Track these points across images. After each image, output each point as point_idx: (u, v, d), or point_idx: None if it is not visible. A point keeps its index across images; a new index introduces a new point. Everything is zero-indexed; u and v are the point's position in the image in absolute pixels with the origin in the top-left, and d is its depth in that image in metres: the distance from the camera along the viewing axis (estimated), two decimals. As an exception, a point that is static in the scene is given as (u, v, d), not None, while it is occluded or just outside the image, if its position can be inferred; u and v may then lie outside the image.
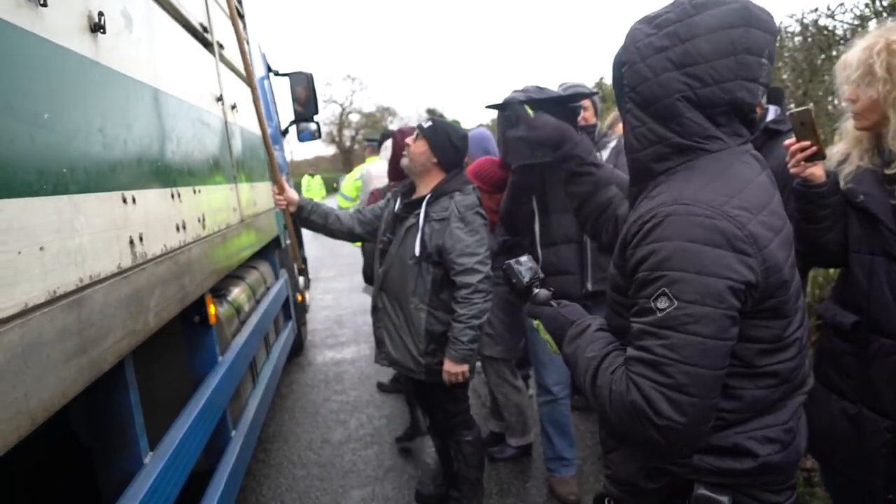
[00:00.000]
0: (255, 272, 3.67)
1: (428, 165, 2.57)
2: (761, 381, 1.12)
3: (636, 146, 1.19)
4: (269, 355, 3.54)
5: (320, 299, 7.93)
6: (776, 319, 1.10)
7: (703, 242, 1.02)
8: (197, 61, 2.63)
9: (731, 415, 1.12)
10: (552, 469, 3.05)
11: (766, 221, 1.09)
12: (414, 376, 2.62)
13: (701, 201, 1.06)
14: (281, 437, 3.90)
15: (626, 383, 1.07)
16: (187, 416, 1.90)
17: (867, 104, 1.62)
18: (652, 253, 1.06)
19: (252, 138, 3.75)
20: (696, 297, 1.02)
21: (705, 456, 1.12)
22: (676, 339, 1.02)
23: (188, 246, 2.04)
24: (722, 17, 1.08)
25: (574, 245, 2.73)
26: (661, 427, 1.02)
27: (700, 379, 1.02)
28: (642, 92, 1.15)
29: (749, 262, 1.03)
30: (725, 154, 1.14)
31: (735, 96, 1.10)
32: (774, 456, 1.13)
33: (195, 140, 2.34)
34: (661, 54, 1.11)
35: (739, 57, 1.08)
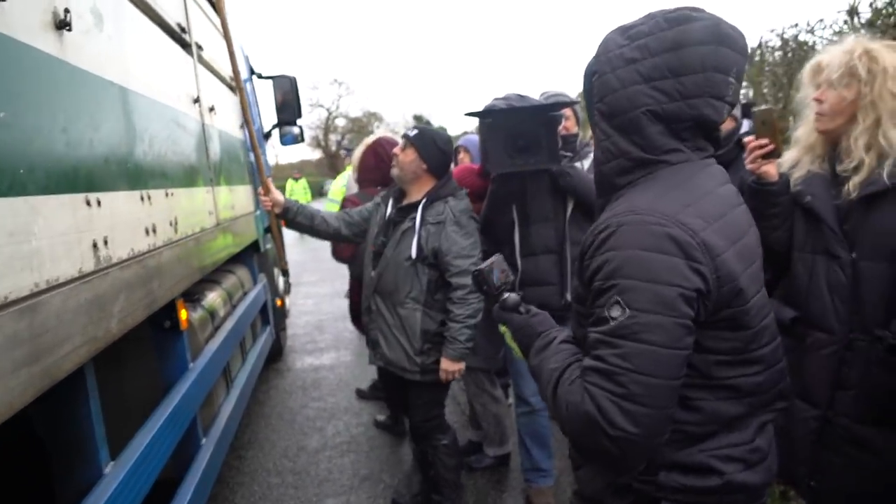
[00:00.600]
0: (232, 277, 3.62)
1: (419, 173, 2.61)
2: (721, 393, 1.11)
3: (601, 159, 1.20)
4: (244, 361, 3.49)
5: (301, 304, 7.86)
6: (735, 331, 1.09)
7: (655, 250, 1.02)
8: (173, 62, 2.59)
9: (693, 427, 1.11)
10: (529, 479, 3.03)
11: (722, 231, 1.08)
12: (408, 376, 2.63)
13: (654, 210, 1.06)
14: (256, 444, 3.84)
15: (581, 394, 1.06)
16: (152, 424, 1.85)
17: (839, 105, 1.65)
18: (606, 262, 1.06)
19: (231, 141, 3.71)
20: (647, 305, 1.01)
21: (671, 473, 1.11)
22: (629, 349, 1.01)
23: (158, 250, 1.99)
24: (693, 34, 1.08)
25: (553, 256, 2.72)
26: (615, 438, 1.01)
27: (654, 389, 1.01)
28: (609, 103, 1.14)
29: (701, 269, 1.03)
30: (686, 166, 1.14)
31: (701, 112, 1.10)
32: (738, 475, 1.11)
33: (169, 142, 2.29)
34: (631, 66, 1.11)
35: (707, 74, 1.08)
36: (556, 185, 2.65)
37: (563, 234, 2.70)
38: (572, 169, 2.62)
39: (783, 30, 3.91)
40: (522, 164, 2.48)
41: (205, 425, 2.53)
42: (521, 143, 2.45)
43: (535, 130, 2.45)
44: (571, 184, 2.61)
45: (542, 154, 2.47)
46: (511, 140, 2.45)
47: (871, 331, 1.63)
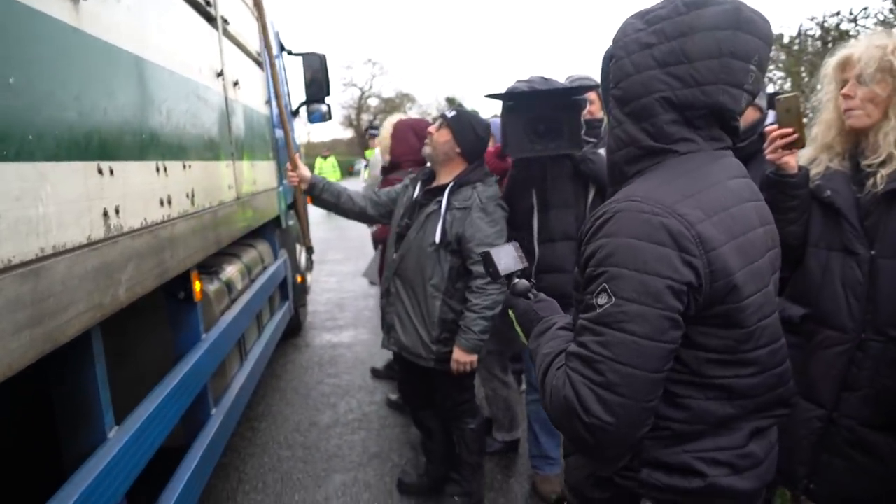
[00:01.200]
0: (252, 251, 3.66)
1: (451, 155, 2.57)
2: (710, 392, 1.08)
3: (612, 147, 1.17)
4: (260, 334, 3.53)
5: (324, 281, 7.93)
6: (728, 329, 1.06)
7: (647, 240, 1.00)
8: (196, 34, 2.59)
9: (680, 425, 1.08)
10: (537, 467, 3.02)
11: (723, 224, 1.05)
12: (423, 363, 2.61)
13: (652, 198, 1.03)
14: (270, 417, 3.90)
15: (563, 379, 1.05)
16: (159, 392, 1.88)
17: (872, 101, 1.60)
18: (599, 248, 1.05)
19: (255, 117, 3.72)
20: (633, 294, 0.99)
21: (654, 471, 1.09)
22: (611, 337, 1.00)
23: (172, 221, 2.01)
24: (710, 18, 1.04)
25: (572, 243, 2.67)
26: (589, 425, 1.00)
27: (632, 379, 0.99)
28: (624, 88, 1.11)
29: (693, 262, 1.00)
30: (697, 156, 1.10)
31: (716, 100, 1.06)
32: (723, 479, 1.09)
33: (188, 114, 2.31)
34: (647, 51, 1.08)
35: (724, 60, 1.04)
36: (578, 170, 2.60)
37: (582, 221, 2.65)
38: (594, 155, 2.56)
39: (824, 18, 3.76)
40: (542, 148, 2.44)
41: (216, 395, 2.58)
42: (542, 127, 2.41)
43: (557, 114, 2.40)
44: (593, 170, 2.55)
45: (563, 139, 2.42)
46: (532, 124, 2.41)
47: (886, 331, 1.59)
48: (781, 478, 1.75)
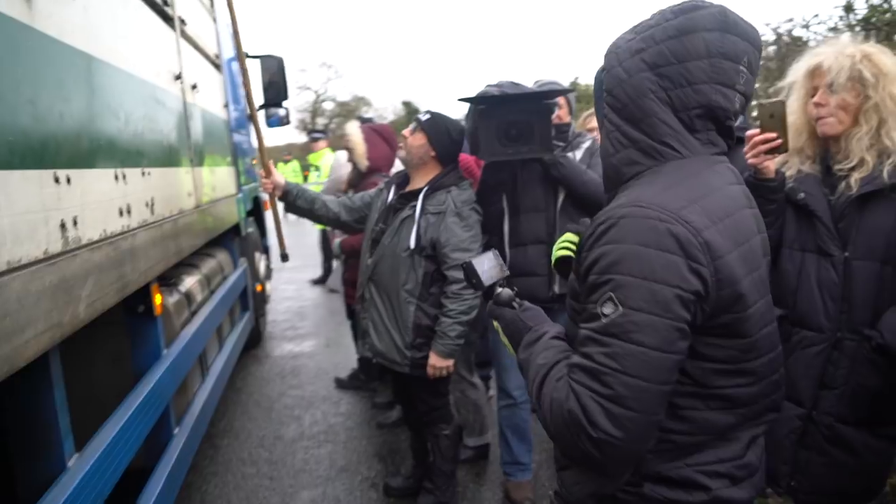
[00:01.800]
0: (211, 260, 3.52)
1: (426, 159, 2.56)
2: (713, 403, 1.06)
3: (610, 151, 1.15)
4: (221, 348, 3.41)
5: (282, 290, 7.75)
6: (732, 339, 1.05)
7: (655, 247, 0.97)
8: (153, 35, 2.48)
9: (681, 437, 1.06)
10: (508, 473, 3.00)
11: (727, 232, 1.03)
12: (398, 369, 2.59)
13: (657, 204, 1.01)
14: (232, 433, 3.76)
15: (566, 391, 1.01)
16: (121, 414, 1.77)
17: (844, 106, 1.64)
18: (603, 255, 1.01)
19: (214, 121, 3.60)
20: (641, 303, 0.96)
21: (656, 486, 1.07)
22: (619, 348, 0.96)
23: (132, 231, 1.90)
24: (698, 21, 1.05)
25: (543, 246, 2.66)
26: (597, 440, 0.96)
27: (641, 392, 0.96)
28: (617, 95, 1.10)
29: (701, 270, 0.98)
30: (695, 160, 1.09)
31: (709, 99, 1.06)
32: (724, 490, 1.07)
33: (146, 119, 2.19)
34: (636, 56, 1.08)
35: (714, 60, 1.04)
36: (548, 174, 2.60)
37: (553, 224, 2.65)
38: (564, 159, 2.56)
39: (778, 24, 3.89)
40: (514, 152, 2.43)
41: (178, 414, 2.45)
42: (514, 131, 2.39)
43: (528, 119, 2.39)
44: (563, 173, 2.55)
45: (535, 143, 2.41)
46: (503, 128, 2.39)
47: (860, 330, 1.64)
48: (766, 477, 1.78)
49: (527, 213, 2.66)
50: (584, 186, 2.57)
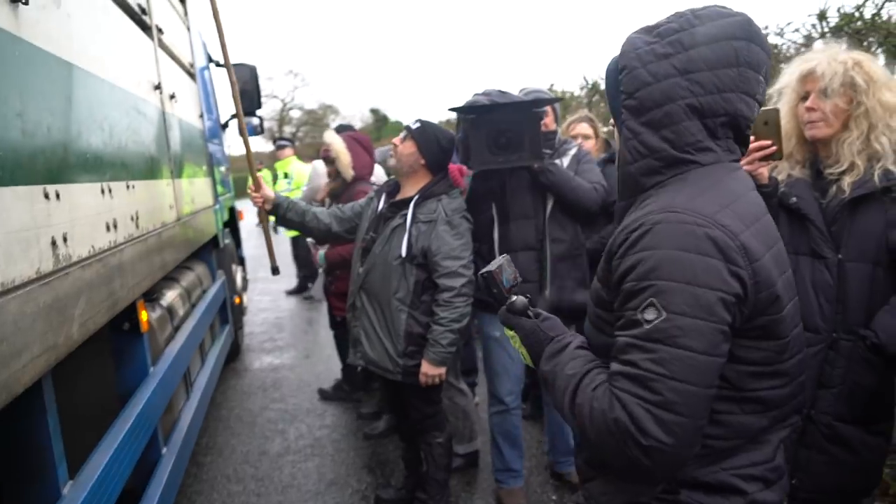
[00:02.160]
0: (190, 274, 3.44)
1: (416, 167, 2.57)
2: (748, 406, 1.07)
3: (628, 159, 1.14)
4: (203, 363, 3.32)
5: (258, 301, 7.62)
6: (768, 340, 1.05)
7: (694, 251, 0.97)
8: (133, 45, 2.41)
9: (718, 442, 1.06)
10: (501, 480, 2.98)
11: (759, 235, 1.05)
12: (390, 377, 2.58)
13: (692, 209, 1.01)
14: (215, 450, 3.67)
15: (609, 400, 1.00)
16: (113, 437, 1.71)
17: (835, 112, 1.68)
18: (640, 262, 1.01)
19: (191, 131, 3.53)
20: (685, 308, 0.96)
21: (693, 492, 1.07)
22: (665, 353, 0.96)
23: (119, 247, 1.84)
24: (726, 28, 1.06)
25: (533, 253, 2.68)
26: (647, 447, 0.95)
27: (689, 397, 0.96)
28: (641, 97, 1.10)
29: (740, 273, 0.99)
30: (717, 168, 1.10)
31: (735, 107, 1.07)
32: (759, 494, 1.08)
33: (130, 130, 2.13)
34: (665, 61, 1.08)
35: (741, 69, 1.06)
36: (537, 182, 2.61)
37: (542, 231, 2.66)
38: (553, 166, 2.58)
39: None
40: (504, 160, 2.44)
41: (165, 433, 2.38)
42: (504, 139, 2.40)
43: (518, 127, 2.40)
44: (552, 180, 2.57)
45: (525, 151, 2.43)
46: (493, 136, 2.40)
47: (855, 330, 1.67)
48: None
49: (516, 220, 2.67)
50: (573, 193, 2.59)
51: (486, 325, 2.86)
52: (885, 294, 1.66)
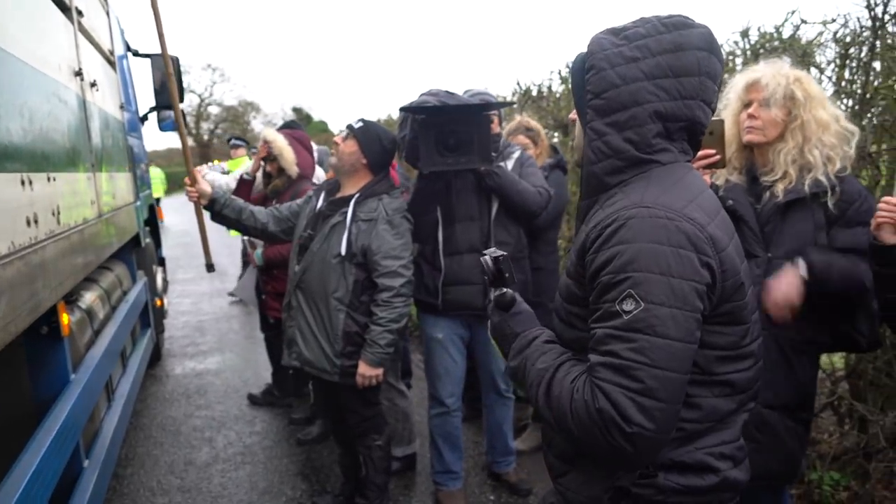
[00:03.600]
0: (110, 275, 3.23)
1: (357, 166, 2.53)
2: (717, 390, 1.12)
3: (592, 159, 1.18)
4: (125, 369, 3.13)
5: (178, 303, 7.26)
6: (733, 325, 1.11)
7: (668, 244, 1.02)
8: (52, 26, 2.24)
9: (692, 425, 1.11)
10: (440, 483, 2.97)
11: (722, 226, 1.11)
12: (327, 377, 2.52)
13: (662, 204, 1.06)
14: (136, 460, 3.45)
15: (591, 391, 1.03)
16: (34, 450, 1.57)
17: (772, 122, 1.80)
18: (616, 255, 1.04)
19: (112, 122, 3.32)
20: (663, 298, 1.00)
21: (669, 473, 1.10)
22: (645, 342, 1.00)
23: (41, 243, 1.70)
24: (692, 39, 1.12)
25: (478, 255, 2.67)
26: (631, 434, 0.99)
27: (669, 383, 1.00)
28: (609, 98, 1.13)
29: (710, 262, 1.04)
30: (677, 166, 1.16)
31: (694, 114, 1.13)
32: (730, 472, 1.13)
33: (51, 118, 1.97)
34: (633, 64, 1.12)
35: (702, 79, 1.12)
36: (482, 184, 2.63)
37: (487, 233, 2.68)
38: (500, 169, 2.60)
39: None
40: (454, 162, 2.44)
41: (87, 445, 2.22)
42: (453, 141, 2.40)
43: (468, 129, 2.41)
44: (498, 183, 2.59)
45: (474, 154, 2.44)
46: (443, 138, 2.39)
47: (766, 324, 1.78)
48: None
49: (461, 221, 2.68)
50: (519, 196, 2.62)
51: (428, 327, 2.84)
52: None
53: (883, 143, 2.45)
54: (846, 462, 2.66)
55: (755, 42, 3.12)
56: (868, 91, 2.46)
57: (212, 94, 40.98)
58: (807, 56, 2.66)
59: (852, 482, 2.60)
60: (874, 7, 2.33)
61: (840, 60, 2.59)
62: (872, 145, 2.45)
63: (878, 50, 2.40)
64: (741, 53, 3.15)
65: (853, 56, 2.54)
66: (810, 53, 2.69)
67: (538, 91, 5.20)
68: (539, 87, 5.21)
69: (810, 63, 2.66)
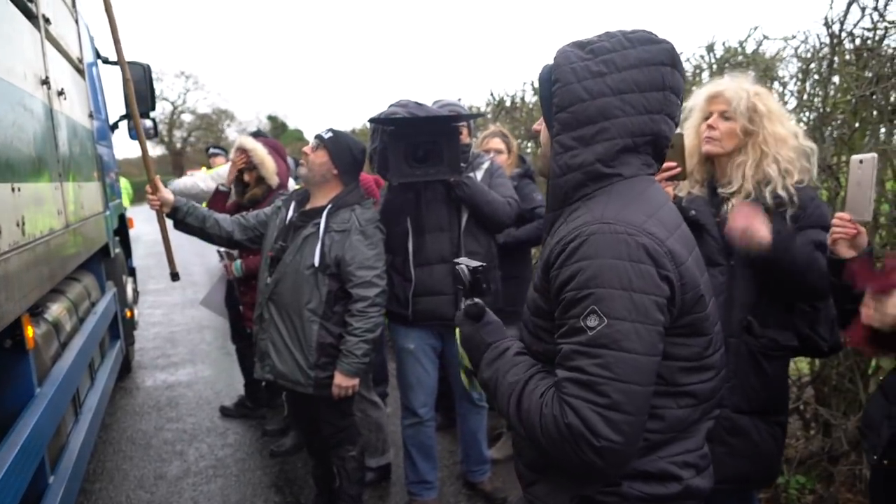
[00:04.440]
0: (77, 286, 3.17)
1: (328, 176, 2.53)
2: (682, 401, 1.14)
3: (556, 172, 1.20)
4: (93, 382, 3.06)
5: (149, 314, 7.15)
6: (695, 337, 1.13)
7: (628, 259, 1.04)
8: (18, 34, 2.20)
9: (655, 435, 1.13)
10: (414, 493, 2.97)
11: (681, 240, 1.14)
12: (301, 390, 2.50)
13: (622, 220, 1.08)
14: (105, 475, 3.38)
15: (560, 406, 1.04)
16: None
17: (730, 134, 1.84)
18: (578, 272, 1.06)
19: (80, 131, 3.26)
20: (625, 313, 1.02)
21: (633, 482, 1.12)
22: (610, 357, 1.01)
23: (5, 255, 1.67)
24: (656, 54, 1.14)
25: (448, 266, 2.69)
26: (599, 448, 1.00)
27: (634, 396, 1.02)
28: (576, 112, 1.15)
29: (669, 276, 1.06)
30: (638, 180, 1.17)
31: (659, 128, 1.16)
32: (693, 480, 1.15)
33: (15, 128, 1.94)
34: (599, 79, 1.13)
35: (666, 93, 1.14)
36: (452, 194, 2.64)
37: (457, 244, 2.69)
38: (469, 179, 2.62)
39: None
40: (423, 173, 2.45)
41: (52, 460, 2.17)
42: (422, 152, 2.42)
43: (438, 140, 2.42)
44: (468, 193, 2.60)
45: (443, 164, 2.46)
46: (412, 149, 2.41)
47: (737, 330, 1.83)
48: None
49: (431, 232, 2.69)
50: (489, 206, 2.64)
51: (399, 338, 2.84)
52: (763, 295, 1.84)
53: (842, 155, 2.54)
54: (811, 466, 2.72)
55: (720, 56, 3.20)
56: (827, 105, 2.54)
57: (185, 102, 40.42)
58: (769, 70, 2.74)
59: (817, 485, 2.66)
60: (832, 25, 2.42)
61: (801, 75, 2.68)
62: (832, 157, 2.53)
63: (836, 66, 2.49)
64: (707, 67, 3.23)
65: (813, 71, 2.63)
66: (773, 68, 2.78)
67: (511, 102, 5.26)
68: (512, 97, 5.27)
69: (773, 77, 2.74)
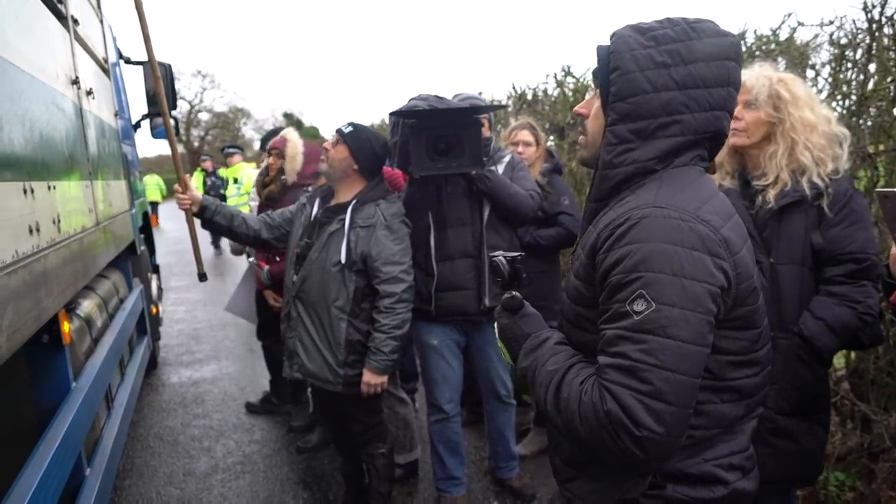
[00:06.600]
0: (106, 282, 3.21)
1: (349, 172, 2.49)
2: (725, 395, 1.11)
3: (608, 163, 1.15)
4: (123, 378, 3.10)
5: (172, 311, 7.21)
6: (746, 330, 1.10)
7: (681, 244, 1.00)
8: (49, 35, 2.22)
9: (699, 432, 1.09)
10: (443, 489, 2.96)
11: (735, 229, 1.10)
12: (330, 388, 2.48)
13: (675, 205, 1.04)
14: (135, 471, 3.42)
15: (599, 393, 1.01)
16: (39, 461, 1.55)
17: (757, 124, 1.79)
18: (627, 255, 1.03)
19: (108, 130, 3.30)
20: (674, 299, 0.98)
21: (678, 485, 1.09)
22: (655, 343, 0.98)
23: (43, 252, 1.68)
24: (722, 48, 1.09)
25: (470, 260, 2.67)
26: (640, 438, 0.96)
27: (679, 386, 0.98)
28: (637, 104, 1.10)
29: (724, 265, 1.03)
30: (689, 169, 1.14)
31: (721, 125, 1.12)
32: (739, 483, 1.12)
33: (50, 127, 1.96)
34: (663, 70, 1.08)
35: (730, 89, 1.10)
36: (473, 188, 2.61)
37: (479, 238, 2.65)
38: (491, 173, 2.59)
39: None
40: (444, 166, 2.43)
41: (88, 453, 2.19)
42: (444, 145, 2.40)
43: (459, 133, 2.40)
44: (490, 187, 2.56)
45: (465, 157, 2.43)
46: (433, 142, 2.38)
47: (790, 328, 1.78)
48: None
49: (453, 227, 2.66)
50: (511, 200, 2.60)
51: (422, 334, 2.82)
52: (813, 292, 1.79)
53: (880, 143, 2.48)
54: (850, 462, 2.67)
55: (752, 44, 3.14)
56: (865, 92, 2.48)
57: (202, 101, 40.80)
58: (803, 58, 2.68)
59: (858, 482, 2.61)
60: (871, 9, 2.36)
61: (836, 62, 2.62)
62: (870, 146, 2.47)
63: (875, 51, 2.43)
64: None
65: (849, 58, 2.57)
66: (806, 55, 2.72)
67: (533, 95, 5.22)
68: (534, 90, 5.23)
69: (806, 65, 2.69)
